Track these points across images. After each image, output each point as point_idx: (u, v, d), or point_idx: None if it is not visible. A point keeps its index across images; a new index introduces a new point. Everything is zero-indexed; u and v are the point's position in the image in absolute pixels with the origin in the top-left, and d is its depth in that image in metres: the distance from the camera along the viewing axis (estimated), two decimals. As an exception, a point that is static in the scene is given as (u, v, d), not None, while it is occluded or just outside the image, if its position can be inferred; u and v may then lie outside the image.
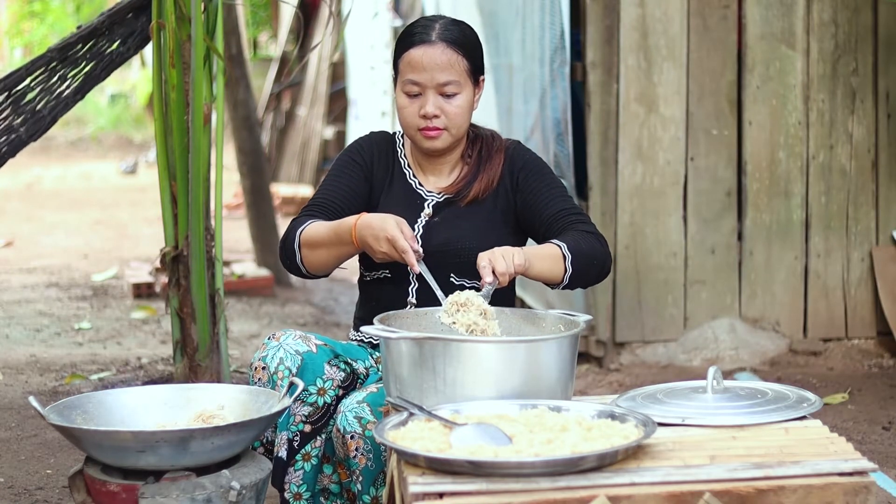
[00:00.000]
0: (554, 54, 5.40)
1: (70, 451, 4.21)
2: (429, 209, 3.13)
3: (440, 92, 3.05)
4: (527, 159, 3.16)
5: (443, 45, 3.04)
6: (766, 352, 5.41)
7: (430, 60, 3.04)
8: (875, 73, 5.44)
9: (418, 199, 3.15)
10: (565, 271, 2.94)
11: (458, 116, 3.07)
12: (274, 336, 3.02)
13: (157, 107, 4.41)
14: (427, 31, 3.07)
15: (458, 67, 3.05)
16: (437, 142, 3.08)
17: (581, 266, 2.95)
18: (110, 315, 6.80)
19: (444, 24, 3.09)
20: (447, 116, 3.06)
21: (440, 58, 3.04)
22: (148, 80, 15.49)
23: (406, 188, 3.16)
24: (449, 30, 3.07)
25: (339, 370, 3.01)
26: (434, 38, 3.05)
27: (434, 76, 3.04)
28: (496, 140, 3.19)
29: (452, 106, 3.06)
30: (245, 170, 7.65)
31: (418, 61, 3.04)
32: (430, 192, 3.15)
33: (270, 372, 2.96)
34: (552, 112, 5.46)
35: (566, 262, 2.93)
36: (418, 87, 3.05)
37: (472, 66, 3.08)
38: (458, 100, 3.06)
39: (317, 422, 3.00)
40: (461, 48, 3.06)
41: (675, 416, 2.60)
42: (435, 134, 3.07)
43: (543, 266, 2.92)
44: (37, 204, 11.66)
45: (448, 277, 3.04)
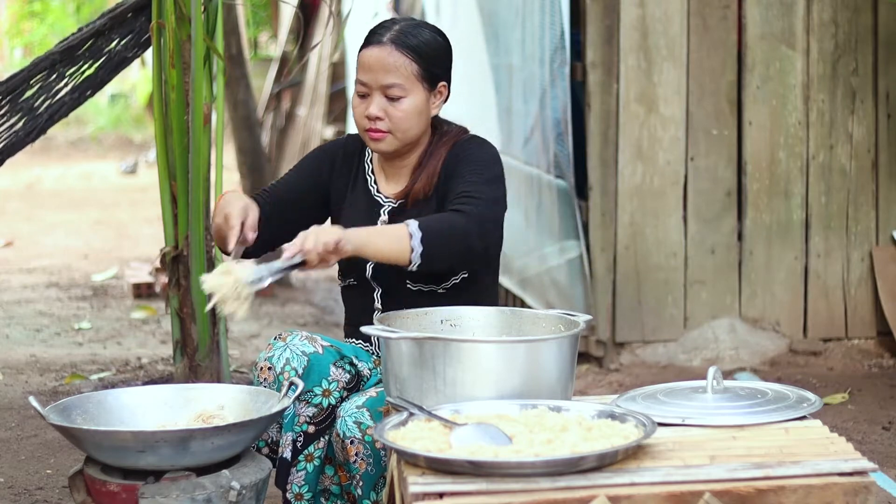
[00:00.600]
0: (554, 54, 5.40)
1: (70, 451, 4.21)
2: (385, 216, 3.11)
3: (385, 94, 3.01)
4: (467, 151, 3.08)
5: (391, 48, 3.01)
6: (766, 352, 5.41)
7: (377, 61, 3.01)
8: (875, 73, 5.44)
9: (376, 206, 3.13)
10: (412, 250, 2.85)
11: (403, 121, 3.02)
12: (280, 336, 3.01)
13: (157, 107, 4.41)
14: (382, 32, 3.05)
15: (405, 71, 3.01)
16: (382, 144, 3.05)
17: (434, 244, 2.85)
18: (110, 315, 6.80)
19: (403, 27, 3.05)
20: (391, 119, 3.02)
21: (386, 59, 3.01)
22: (148, 80, 15.49)
23: (366, 195, 3.15)
24: (404, 33, 3.03)
25: (344, 371, 3.01)
26: (385, 40, 3.02)
27: (378, 77, 3.01)
28: (445, 135, 3.12)
29: (396, 109, 3.02)
30: (245, 170, 7.65)
31: (366, 62, 3.03)
32: (388, 198, 3.13)
33: (276, 372, 2.95)
34: (552, 112, 5.46)
35: (412, 240, 2.84)
36: (365, 87, 3.03)
37: (425, 71, 3.03)
38: (404, 104, 3.02)
39: (321, 423, 2.99)
40: (412, 52, 3.02)
41: (675, 416, 2.60)
42: (378, 136, 3.03)
43: (380, 245, 2.84)
44: (37, 204, 11.66)
45: (405, 283, 3.03)
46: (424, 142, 3.12)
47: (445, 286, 3.03)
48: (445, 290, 3.04)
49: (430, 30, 3.10)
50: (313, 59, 11.73)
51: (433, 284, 3.03)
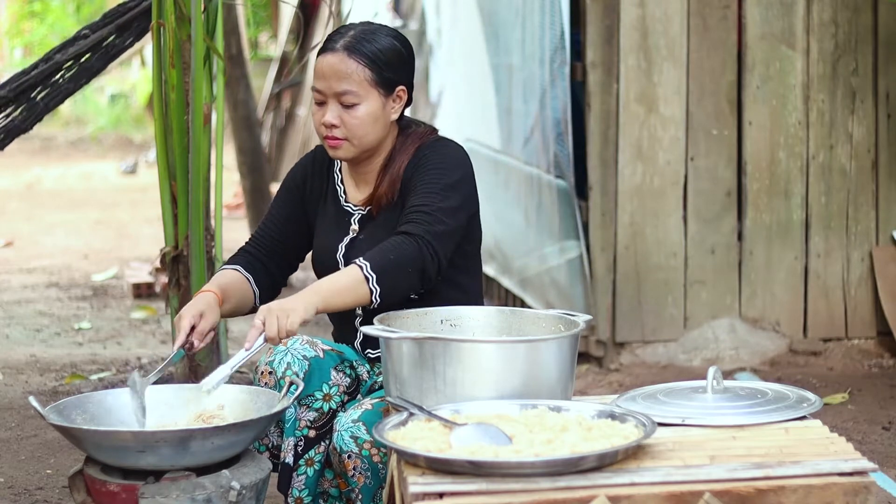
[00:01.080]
0: (554, 54, 5.40)
1: (70, 451, 4.21)
2: (355, 225, 3.10)
3: (340, 101, 2.99)
4: (426, 154, 3.05)
5: (343, 54, 2.98)
6: (766, 352, 5.41)
7: (329, 68, 2.99)
8: (875, 73, 5.44)
9: (346, 215, 3.11)
10: (371, 292, 2.85)
11: (358, 127, 2.99)
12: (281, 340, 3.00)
13: (157, 107, 4.41)
14: (336, 39, 3.02)
15: (358, 77, 2.97)
16: (339, 152, 3.02)
17: (390, 280, 2.85)
18: (110, 315, 6.80)
19: (357, 33, 3.02)
20: (346, 127, 2.99)
21: (338, 66, 2.98)
22: (148, 80, 15.48)
23: (336, 206, 3.13)
24: (358, 39, 3.00)
25: (345, 376, 3.00)
26: (338, 47, 2.99)
27: (331, 85, 2.98)
28: (410, 139, 3.08)
29: (351, 116, 2.99)
30: (245, 170, 7.65)
31: (319, 69, 3.00)
32: (357, 206, 3.11)
33: (277, 377, 2.94)
34: (552, 112, 5.46)
35: (370, 283, 2.84)
36: (321, 94, 3.01)
37: (379, 77, 2.99)
38: (359, 111, 2.98)
39: (321, 427, 2.99)
40: (364, 58, 2.98)
41: (675, 416, 2.60)
42: (335, 143, 3.01)
43: (343, 300, 2.86)
44: (37, 204, 11.66)
45: None
46: (388, 146, 3.08)
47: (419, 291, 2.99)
48: (419, 295, 3.00)
49: (387, 34, 3.05)
50: (313, 59, 11.72)
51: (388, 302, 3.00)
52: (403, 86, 3.05)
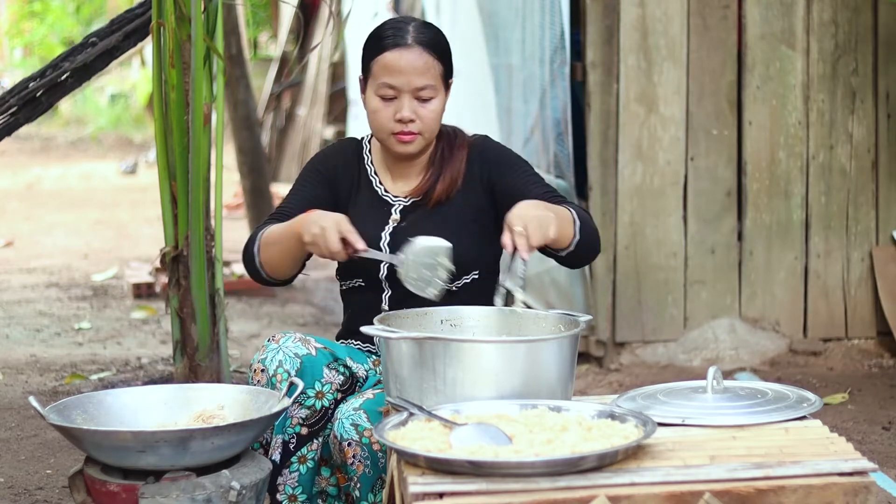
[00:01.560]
0: (554, 54, 5.40)
1: (70, 451, 4.21)
2: (396, 214, 3.11)
3: (416, 96, 3.02)
4: (498, 152, 3.13)
5: (419, 49, 3.01)
6: (766, 352, 5.41)
7: (408, 64, 3.01)
8: (875, 73, 5.44)
9: (385, 205, 3.12)
10: (573, 236, 2.89)
11: (433, 121, 3.04)
12: (273, 338, 3.01)
13: (157, 107, 4.41)
14: (401, 33, 3.03)
15: (434, 72, 3.02)
16: (411, 146, 3.06)
17: (586, 234, 2.91)
18: (110, 315, 6.80)
19: (418, 26, 3.05)
20: (422, 121, 3.03)
21: (417, 62, 3.01)
22: (148, 80, 15.49)
23: (372, 195, 3.14)
24: (423, 33, 3.04)
25: (338, 374, 3.01)
26: (410, 42, 3.02)
27: (411, 80, 3.01)
28: (458, 136, 3.15)
29: (427, 110, 3.03)
30: (245, 170, 7.65)
31: (395, 65, 3.01)
32: (397, 196, 3.13)
33: (269, 374, 2.95)
34: (552, 112, 5.46)
35: (575, 226, 2.89)
36: (394, 90, 3.01)
37: (445, 70, 3.06)
38: (433, 104, 3.03)
39: (314, 425, 2.99)
40: (436, 52, 3.03)
41: (675, 416, 2.60)
42: (409, 139, 3.04)
43: (563, 230, 2.84)
44: (37, 204, 11.66)
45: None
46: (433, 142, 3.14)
47: (456, 285, 3.03)
48: (458, 288, 3.03)
49: (437, 28, 3.11)
50: (313, 59, 11.74)
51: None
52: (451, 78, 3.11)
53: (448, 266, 2.84)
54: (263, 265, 3.02)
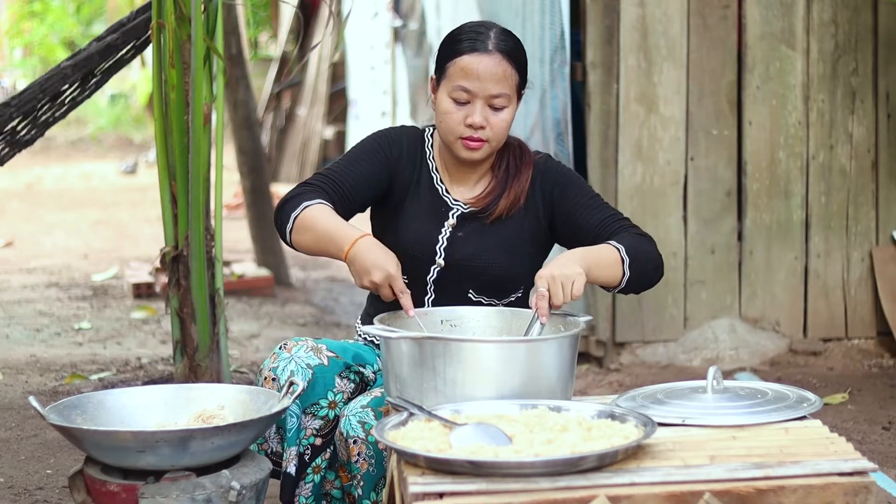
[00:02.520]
0: (554, 54, 5.40)
1: (70, 451, 4.21)
2: (453, 219, 3.05)
3: (489, 103, 2.96)
4: (559, 174, 3.07)
5: (500, 57, 2.96)
6: (766, 352, 5.41)
7: (486, 70, 2.95)
8: (875, 73, 5.44)
9: (444, 206, 3.06)
10: (623, 275, 2.88)
11: (503, 130, 2.99)
12: (285, 346, 2.98)
13: (157, 107, 4.41)
14: (482, 38, 2.97)
15: (511, 81, 2.97)
16: (478, 153, 2.99)
17: (638, 269, 2.91)
18: (110, 315, 6.80)
19: (498, 33, 3.00)
20: (492, 129, 2.97)
21: (496, 69, 2.95)
22: (148, 80, 15.49)
23: (433, 194, 3.07)
24: (504, 41, 2.98)
25: (349, 381, 2.99)
26: (491, 48, 2.96)
27: (487, 87, 2.95)
28: (525, 153, 3.09)
29: (498, 119, 2.97)
30: (245, 170, 7.65)
31: (473, 69, 2.94)
32: (457, 201, 3.07)
33: (280, 384, 2.93)
34: (552, 112, 5.46)
35: (624, 265, 2.87)
36: (468, 94, 2.95)
37: (521, 81, 3.01)
38: (505, 113, 2.98)
39: (327, 434, 2.98)
40: (516, 62, 2.98)
41: (675, 416, 2.60)
42: (477, 145, 2.98)
43: (601, 274, 2.86)
44: (37, 204, 11.66)
45: (466, 293, 3.00)
46: None
47: (505, 301, 3.01)
48: (505, 305, 3.02)
49: (516, 37, 3.05)
50: (313, 59, 11.74)
51: (494, 298, 3.01)
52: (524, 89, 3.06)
53: None
54: (293, 240, 2.92)
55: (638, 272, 2.91)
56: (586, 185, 3.09)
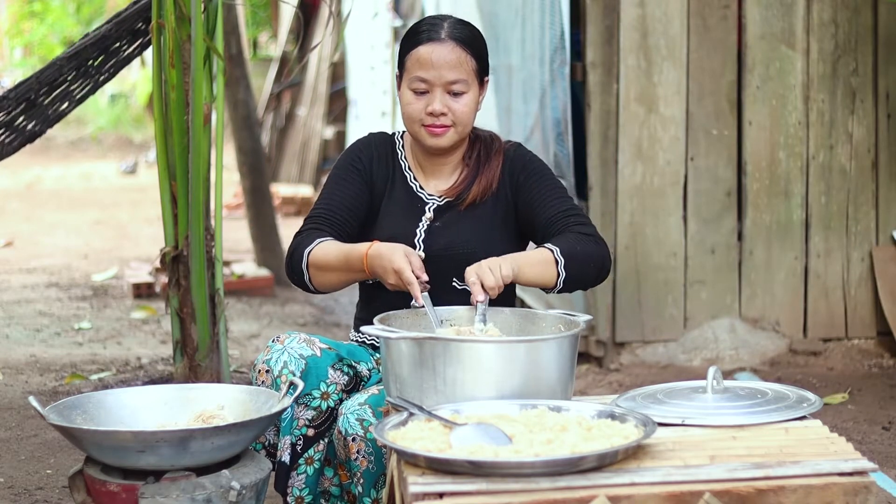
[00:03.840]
0: (554, 54, 5.40)
1: (70, 451, 4.21)
2: (430, 213, 3.11)
3: (448, 90, 3.04)
4: (527, 160, 3.14)
5: (452, 44, 3.04)
6: (766, 352, 5.41)
7: (440, 58, 3.03)
8: (875, 73, 5.44)
9: (419, 202, 3.13)
10: (558, 276, 2.91)
11: (466, 115, 3.06)
12: (278, 339, 3.01)
13: (157, 107, 4.41)
14: (436, 29, 3.06)
15: (467, 66, 3.05)
16: (443, 139, 3.07)
17: (576, 270, 2.93)
18: (110, 315, 6.80)
19: (453, 23, 3.09)
20: (454, 114, 3.05)
21: (449, 56, 3.03)
22: (148, 80, 15.49)
23: (407, 191, 3.14)
24: (458, 28, 3.07)
25: (342, 374, 3.01)
26: (444, 36, 3.04)
27: (443, 74, 3.03)
28: (495, 142, 3.17)
29: (459, 104, 3.05)
30: (245, 170, 7.65)
31: (427, 58, 3.03)
32: (431, 195, 3.14)
33: (274, 375, 2.95)
34: (552, 112, 5.46)
35: (558, 266, 2.90)
36: (426, 84, 3.04)
37: (479, 66, 3.09)
38: (465, 98, 3.05)
39: (320, 426, 2.99)
40: (470, 47, 3.06)
41: (675, 416, 2.60)
42: (440, 131, 3.05)
43: (534, 272, 2.89)
44: (37, 204, 11.66)
45: (451, 282, 3.03)
46: (466, 139, 3.15)
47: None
48: None
49: (472, 26, 3.14)
50: (313, 59, 11.74)
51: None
52: (487, 76, 3.14)
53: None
54: (314, 284, 2.99)
55: (576, 272, 2.93)
56: (551, 176, 3.14)
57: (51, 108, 4.66)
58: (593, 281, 3.00)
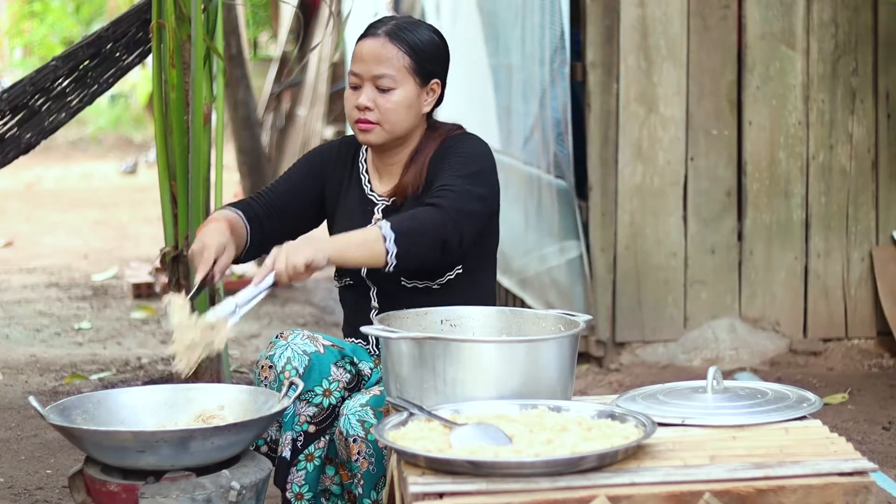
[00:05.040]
0: (554, 54, 5.40)
1: (70, 451, 4.21)
2: (378, 214, 3.11)
3: (376, 85, 3.02)
4: (457, 143, 3.07)
5: (385, 39, 3.02)
6: (766, 352, 5.41)
7: (369, 52, 3.02)
8: (875, 73, 5.44)
9: (369, 204, 3.13)
10: (387, 252, 2.83)
11: (391, 112, 3.02)
12: (282, 335, 3.02)
13: (157, 107, 4.41)
14: (379, 25, 3.06)
15: (397, 63, 3.01)
16: (370, 136, 3.04)
17: (408, 244, 2.84)
18: (110, 315, 6.80)
19: (400, 21, 3.07)
20: (379, 111, 3.01)
21: (379, 50, 3.01)
22: (148, 80, 15.48)
23: (360, 194, 3.14)
24: (400, 27, 3.04)
25: (345, 371, 3.01)
26: (380, 32, 3.03)
27: (370, 67, 3.01)
28: (438, 132, 3.12)
29: (386, 100, 3.01)
30: (245, 170, 7.66)
31: (359, 52, 3.04)
32: (381, 196, 3.12)
33: (277, 371, 2.95)
34: (552, 112, 5.46)
35: (386, 242, 2.82)
36: (357, 78, 3.03)
37: (417, 65, 3.03)
38: (394, 95, 3.01)
39: (321, 423, 2.99)
40: (404, 44, 3.02)
41: (675, 416, 2.60)
42: (367, 127, 3.03)
43: (358, 253, 2.83)
44: (37, 204, 11.66)
45: (399, 281, 3.01)
46: (416, 138, 3.11)
47: (440, 282, 3.03)
48: (440, 285, 3.04)
49: (428, 28, 3.11)
50: (313, 59, 11.73)
51: (427, 280, 3.03)
52: (438, 80, 3.10)
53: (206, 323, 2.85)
54: None
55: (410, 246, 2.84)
56: (465, 157, 3.03)
57: (47, 118, 4.65)
58: (436, 253, 2.89)
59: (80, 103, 4.69)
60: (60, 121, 4.69)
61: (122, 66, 4.70)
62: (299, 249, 2.76)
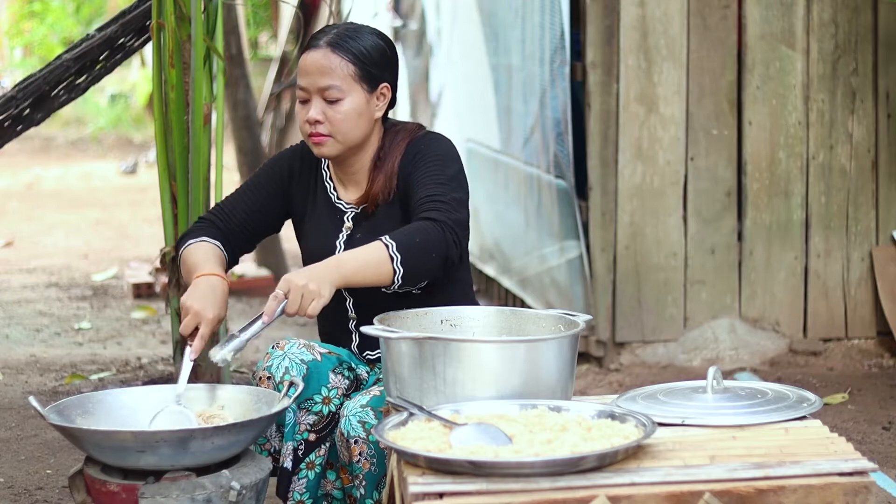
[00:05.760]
0: (554, 54, 5.40)
1: (70, 451, 4.21)
2: (349, 223, 3.09)
3: (323, 97, 2.99)
4: (422, 147, 3.05)
5: (327, 50, 2.99)
6: (766, 352, 5.41)
7: (313, 64, 2.99)
8: (875, 73, 5.44)
9: (338, 213, 3.10)
10: (394, 272, 2.84)
11: (342, 123, 2.99)
12: (278, 345, 3.00)
13: (157, 107, 4.41)
14: (320, 36, 3.02)
15: (341, 72, 2.98)
16: (324, 149, 3.02)
17: (414, 262, 2.84)
18: (110, 315, 6.80)
19: (340, 30, 3.03)
20: (330, 122, 2.99)
21: (321, 62, 2.98)
22: (148, 80, 15.48)
23: (328, 203, 3.12)
24: (340, 36, 3.01)
25: (343, 378, 3.00)
26: (321, 44, 3.00)
27: (315, 80, 2.99)
28: (400, 135, 3.09)
29: (335, 111, 2.99)
30: (245, 170, 7.65)
31: (303, 66, 3.01)
32: (349, 204, 3.10)
33: (276, 382, 2.94)
34: (552, 112, 5.46)
35: (395, 262, 2.83)
36: (305, 92, 3.01)
37: (363, 72, 3.00)
38: (342, 106, 2.99)
39: (321, 430, 2.99)
40: (347, 53, 2.99)
41: (675, 416, 2.60)
42: (320, 140, 3.01)
43: (366, 275, 2.83)
44: (37, 204, 11.66)
45: (378, 289, 2.96)
46: (374, 144, 3.08)
47: (420, 286, 3.00)
48: (420, 290, 3.02)
49: (370, 32, 3.07)
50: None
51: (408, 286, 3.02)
52: (387, 83, 3.06)
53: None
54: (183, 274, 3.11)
55: (415, 264, 2.84)
56: (439, 161, 3.02)
57: (56, 100, 4.70)
58: (439, 270, 2.90)
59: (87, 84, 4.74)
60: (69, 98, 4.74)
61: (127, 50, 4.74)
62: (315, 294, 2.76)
